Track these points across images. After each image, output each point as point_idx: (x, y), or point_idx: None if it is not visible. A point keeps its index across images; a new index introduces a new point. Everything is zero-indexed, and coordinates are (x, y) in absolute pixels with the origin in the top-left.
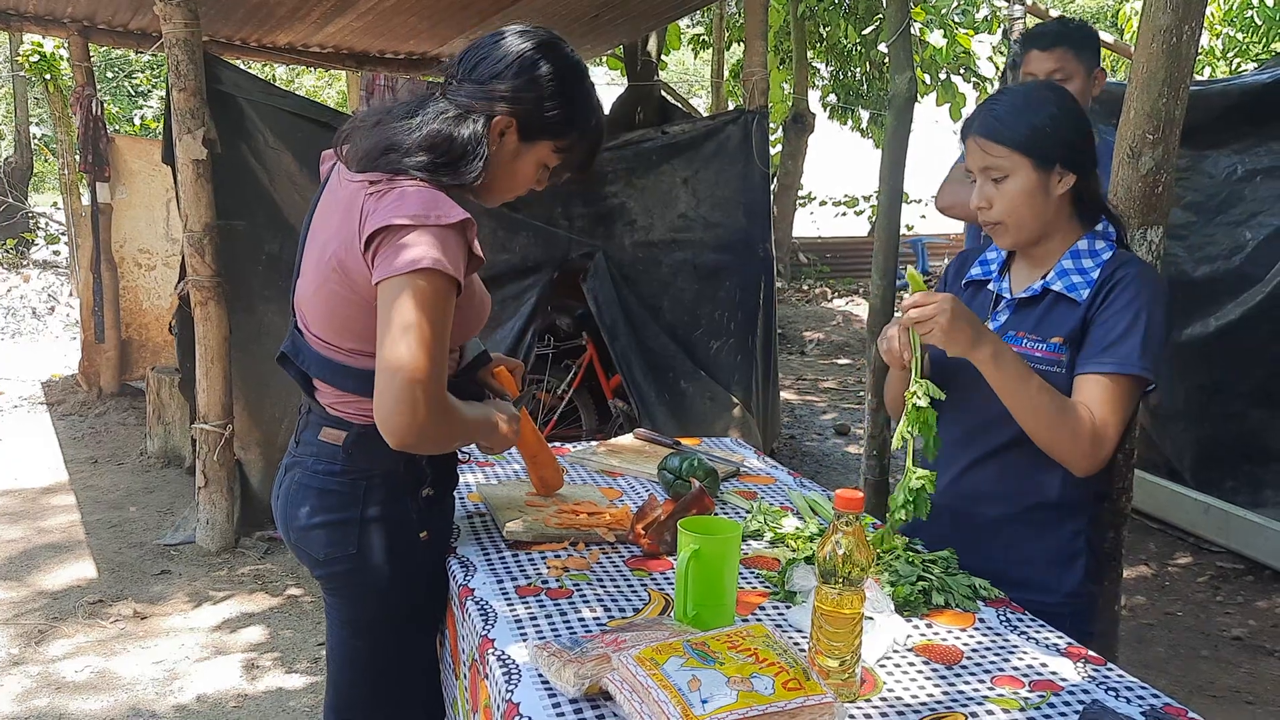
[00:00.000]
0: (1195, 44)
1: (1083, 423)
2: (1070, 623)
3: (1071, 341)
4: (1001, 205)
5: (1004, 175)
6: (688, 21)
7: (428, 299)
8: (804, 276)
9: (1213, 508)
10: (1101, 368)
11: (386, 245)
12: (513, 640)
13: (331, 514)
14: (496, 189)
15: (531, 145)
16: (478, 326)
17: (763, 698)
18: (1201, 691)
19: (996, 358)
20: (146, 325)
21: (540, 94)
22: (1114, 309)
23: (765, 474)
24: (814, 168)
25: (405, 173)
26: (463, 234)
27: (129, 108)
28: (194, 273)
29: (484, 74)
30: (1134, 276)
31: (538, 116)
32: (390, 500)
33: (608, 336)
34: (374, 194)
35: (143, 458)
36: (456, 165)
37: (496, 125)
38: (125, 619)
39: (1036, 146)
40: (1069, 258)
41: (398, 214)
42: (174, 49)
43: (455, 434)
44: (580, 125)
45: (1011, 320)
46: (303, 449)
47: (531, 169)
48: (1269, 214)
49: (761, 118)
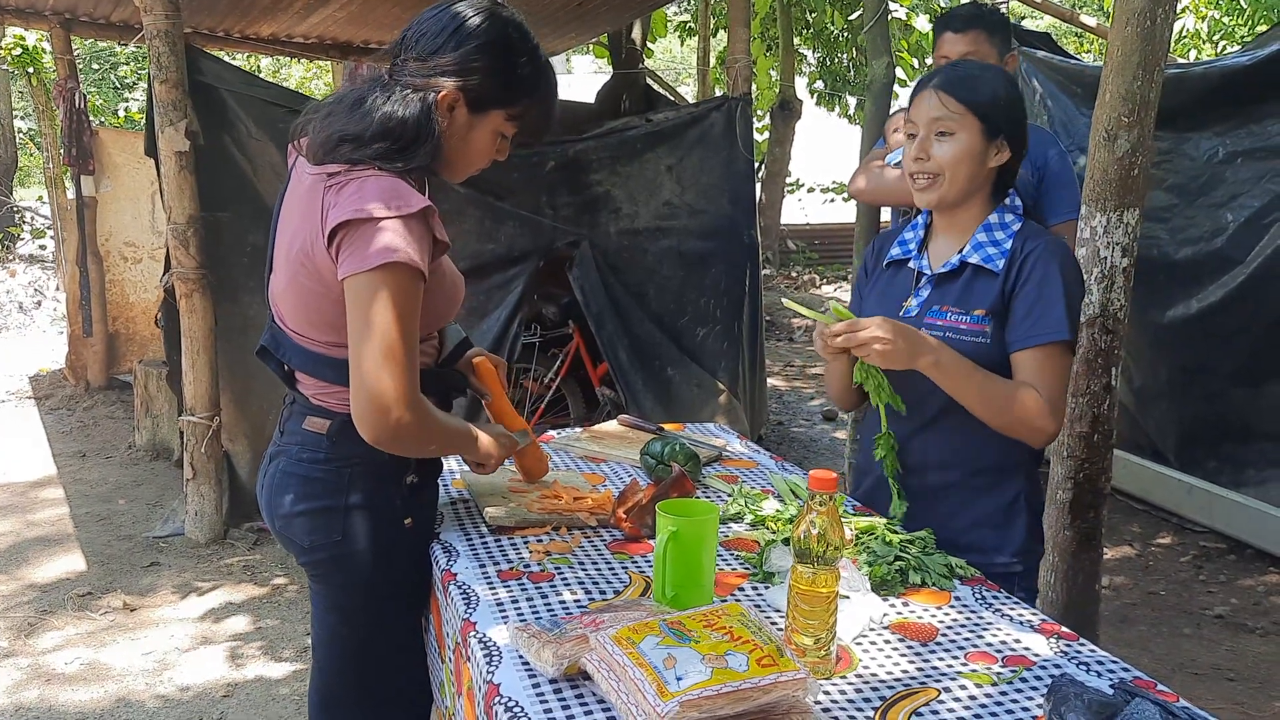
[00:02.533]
0: (1169, 27)
1: (1030, 402)
2: (1020, 581)
3: (994, 313)
4: (941, 159)
5: (951, 133)
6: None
7: (394, 294)
8: (792, 263)
9: (1195, 488)
10: (1035, 340)
11: (349, 240)
12: (494, 623)
13: (316, 501)
14: (457, 164)
15: (483, 116)
16: (453, 309)
17: (737, 674)
18: (1183, 669)
19: (938, 363)
20: (133, 318)
21: (484, 64)
22: (1032, 283)
23: (747, 458)
24: (802, 154)
25: (362, 162)
26: (425, 221)
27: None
28: (178, 265)
29: (425, 50)
30: (1043, 249)
31: (484, 87)
32: (374, 487)
33: (594, 325)
34: (333, 186)
35: (131, 451)
36: (411, 149)
37: (444, 101)
38: (114, 611)
39: (990, 113)
40: (982, 231)
41: (358, 207)
42: (155, 41)
43: (432, 434)
44: (529, 90)
45: (934, 295)
46: (287, 438)
47: (487, 140)
48: (1249, 196)
49: (745, 104)
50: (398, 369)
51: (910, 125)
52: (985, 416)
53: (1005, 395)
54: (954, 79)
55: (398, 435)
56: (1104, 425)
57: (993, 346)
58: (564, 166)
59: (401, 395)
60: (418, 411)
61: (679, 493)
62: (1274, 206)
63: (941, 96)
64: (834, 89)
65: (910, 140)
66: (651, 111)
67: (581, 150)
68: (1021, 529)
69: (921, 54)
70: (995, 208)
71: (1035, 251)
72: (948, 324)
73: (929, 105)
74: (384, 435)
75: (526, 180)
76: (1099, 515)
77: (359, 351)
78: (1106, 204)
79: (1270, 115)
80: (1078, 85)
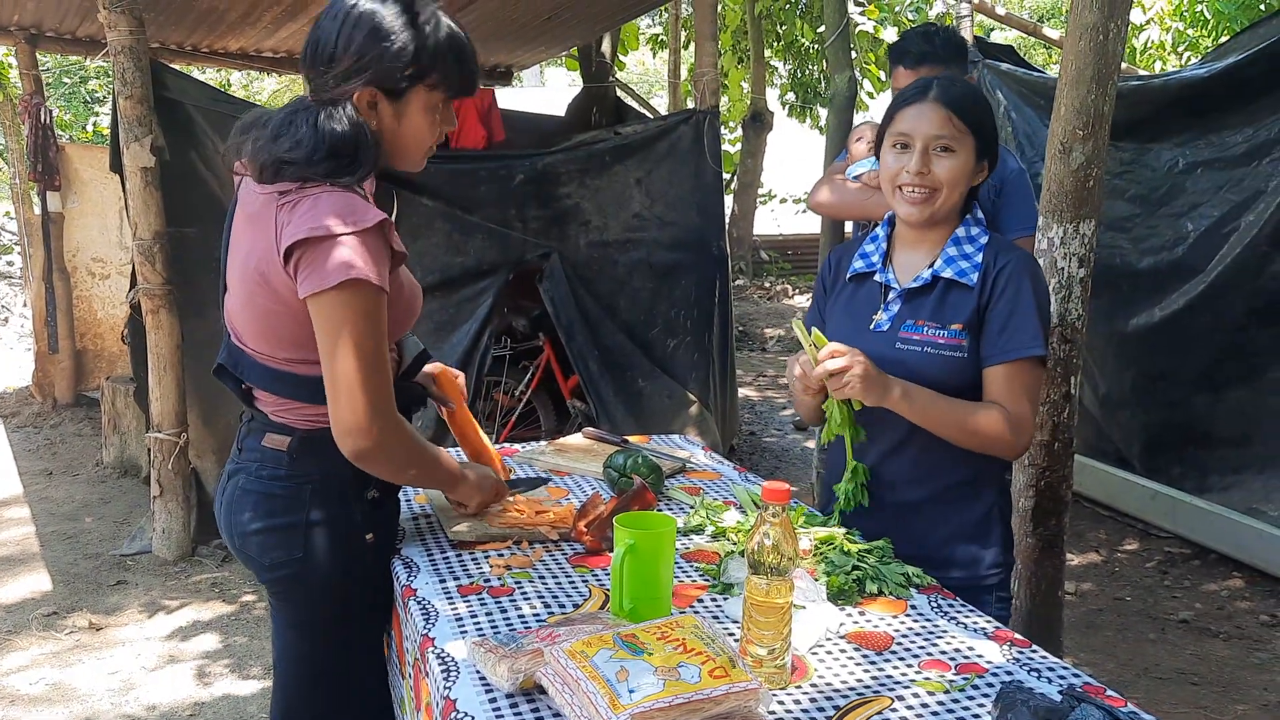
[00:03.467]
0: (1122, 41)
1: (999, 420)
2: (994, 593)
3: (970, 328)
4: (941, 175)
5: (953, 150)
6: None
7: (359, 311)
8: (765, 274)
9: (1160, 494)
10: (1008, 356)
11: (307, 259)
12: (452, 638)
13: (276, 518)
14: (407, 153)
15: (405, 100)
16: (411, 319)
17: (689, 686)
18: (1148, 674)
19: (906, 395)
20: (101, 335)
21: (377, 50)
22: (1006, 298)
23: (711, 469)
24: (774, 165)
25: (313, 180)
26: (381, 234)
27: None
28: (145, 281)
29: (324, 60)
30: (1016, 265)
31: (389, 72)
32: (335, 503)
33: (564, 337)
34: (285, 204)
35: (98, 468)
36: (354, 159)
37: (361, 102)
38: (80, 630)
39: (983, 134)
40: (952, 245)
41: (313, 225)
42: (119, 56)
43: (412, 455)
44: (431, 53)
45: (906, 310)
46: (246, 455)
47: (423, 119)
48: (1209, 205)
49: (713, 117)
50: (371, 384)
51: (901, 137)
52: (957, 439)
53: (974, 414)
54: (957, 97)
55: (379, 450)
56: (1064, 433)
57: (969, 360)
58: (533, 179)
59: (379, 410)
60: (397, 426)
61: (640, 505)
62: (1233, 216)
63: (948, 114)
64: (805, 101)
65: (898, 151)
66: (622, 124)
67: (550, 163)
68: (997, 541)
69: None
70: (961, 221)
71: (1008, 267)
72: (925, 338)
73: (931, 120)
74: (365, 452)
75: (496, 193)
76: (1061, 522)
77: (333, 371)
78: (1063, 215)
79: (1229, 126)
80: (1041, 97)
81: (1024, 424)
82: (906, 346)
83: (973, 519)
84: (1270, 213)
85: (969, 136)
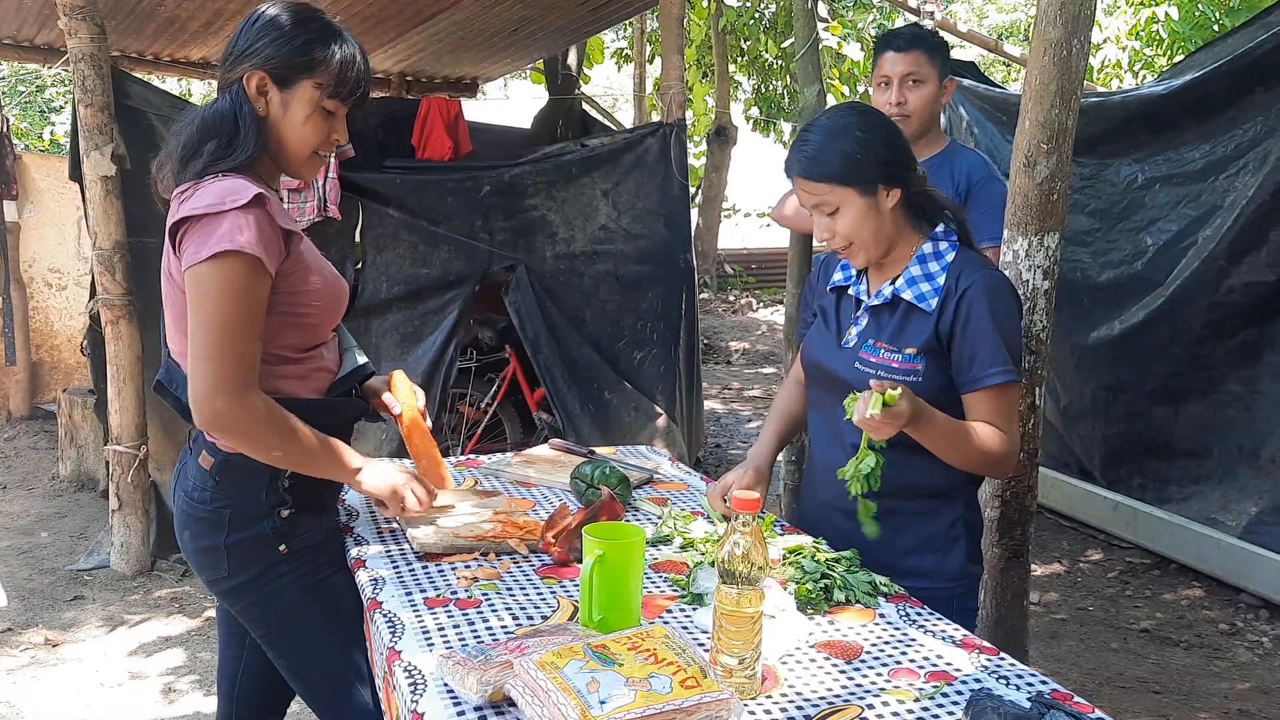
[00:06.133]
0: (1085, 57)
1: (997, 443)
2: (958, 603)
3: (927, 352)
4: (843, 234)
5: (835, 208)
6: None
7: (228, 283)
8: (730, 287)
9: (1121, 505)
10: (980, 384)
11: (188, 236)
12: (420, 651)
13: (202, 540)
14: (291, 151)
15: (292, 89)
16: (335, 305)
17: (660, 696)
18: (1111, 683)
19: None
20: (58, 346)
21: (269, 37)
22: (975, 324)
23: (679, 480)
24: (738, 180)
25: (207, 173)
26: (262, 210)
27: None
28: (104, 291)
29: (226, 55)
30: (977, 287)
31: (280, 59)
32: (249, 524)
33: (530, 349)
34: (179, 197)
35: (55, 482)
36: (236, 140)
37: (250, 83)
38: (35, 647)
39: (853, 175)
40: (916, 263)
41: (194, 205)
42: (80, 64)
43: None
44: (322, 51)
45: (870, 327)
46: (184, 471)
47: (308, 114)
48: (1167, 220)
49: (679, 130)
50: (222, 355)
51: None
52: (956, 463)
53: (978, 443)
54: (804, 162)
55: (219, 424)
56: (1029, 444)
57: (924, 385)
58: (499, 191)
59: (224, 382)
60: (243, 402)
61: (608, 516)
62: (1191, 230)
63: (804, 184)
64: (769, 115)
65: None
66: (588, 136)
67: (517, 175)
68: (960, 553)
69: (853, 82)
70: (928, 234)
71: (970, 289)
72: (879, 361)
73: (802, 193)
74: (205, 422)
75: (461, 204)
76: (1026, 532)
77: (193, 339)
78: (1028, 228)
79: (1186, 142)
80: (1002, 113)
81: (1014, 444)
82: (863, 368)
83: (937, 531)
84: (1227, 227)
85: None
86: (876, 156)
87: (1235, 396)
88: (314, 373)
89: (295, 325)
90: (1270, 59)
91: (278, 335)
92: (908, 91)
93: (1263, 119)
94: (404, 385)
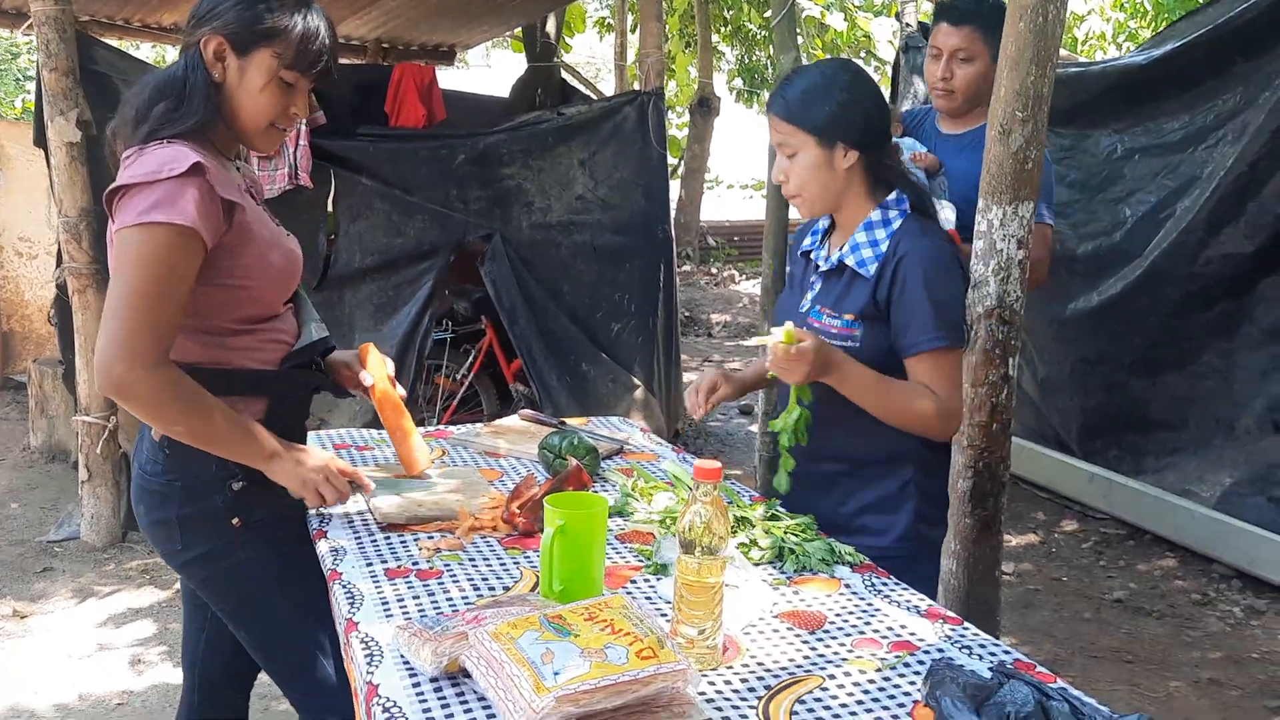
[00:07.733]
0: (1061, 23)
1: (929, 404)
2: (905, 564)
3: (865, 318)
4: (794, 179)
5: (794, 151)
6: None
7: (152, 251)
8: (712, 259)
9: (1096, 476)
10: (916, 349)
11: (122, 204)
12: (378, 622)
13: (155, 513)
14: (247, 121)
15: (249, 57)
16: (282, 279)
17: (615, 667)
18: (1084, 652)
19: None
20: (29, 316)
21: (232, 1)
22: (911, 291)
23: (649, 451)
24: (721, 151)
25: (153, 138)
26: (200, 179)
27: (15, 92)
28: (71, 260)
29: (191, 18)
30: (916, 254)
31: (239, 24)
32: (200, 498)
33: (507, 320)
34: (126, 163)
35: (25, 453)
36: (187, 102)
37: (207, 47)
38: (4, 619)
39: (818, 126)
40: (862, 230)
41: (132, 173)
42: (43, 27)
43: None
44: (283, 18)
45: (821, 292)
46: (140, 444)
47: (264, 82)
48: (1146, 191)
49: (657, 99)
50: (132, 323)
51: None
52: (889, 419)
53: (904, 401)
54: (780, 101)
55: (117, 390)
56: (1003, 414)
57: (862, 350)
58: (475, 160)
59: (129, 350)
60: (147, 372)
61: (575, 486)
62: (1169, 202)
63: (774, 121)
64: (752, 86)
65: None
66: (567, 105)
67: (493, 143)
68: (909, 513)
69: (835, 51)
70: (878, 204)
71: (906, 257)
72: (822, 326)
73: (772, 130)
74: (104, 387)
75: (436, 173)
76: (998, 502)
77: (108, 303)
78: (1002, 197)
79: (1165, 113)
80: None
81: (952, 408)
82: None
83: (887, 493)
84: (1205, 198)
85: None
86: (845, 116)
87: (1212, 368)
88: (266, 344)
89: (242, 298)
90: (1250, 29)
91: (225, 307)
92: (955, 67)
93: (1242, 89)
94: (375, 358)
